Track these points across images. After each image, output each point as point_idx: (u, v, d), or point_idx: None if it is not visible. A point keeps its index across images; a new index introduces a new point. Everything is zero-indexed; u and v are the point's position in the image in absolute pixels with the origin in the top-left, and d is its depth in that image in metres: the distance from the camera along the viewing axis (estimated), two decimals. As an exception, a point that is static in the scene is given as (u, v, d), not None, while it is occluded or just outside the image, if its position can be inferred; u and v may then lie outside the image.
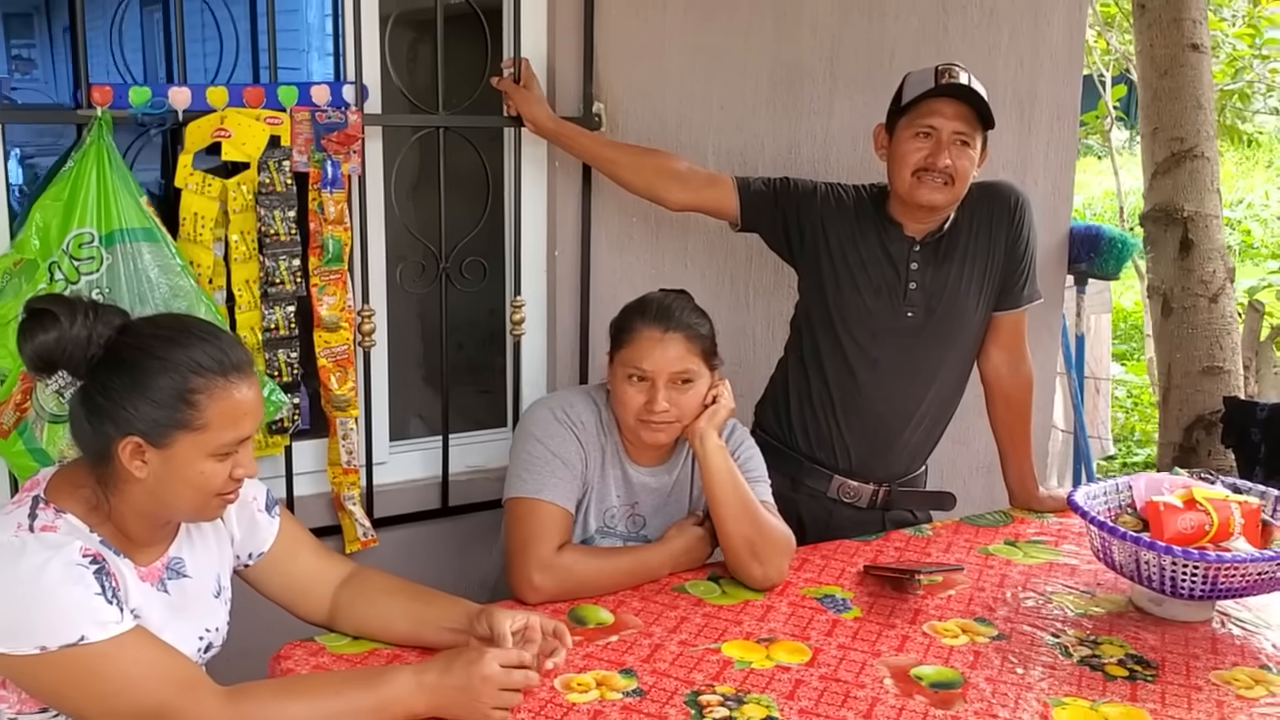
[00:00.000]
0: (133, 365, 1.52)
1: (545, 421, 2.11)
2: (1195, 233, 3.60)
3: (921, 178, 2.30)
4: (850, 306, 2.43)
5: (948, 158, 2.28)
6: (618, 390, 2.10)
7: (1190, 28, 3.62)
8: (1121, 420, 6.64)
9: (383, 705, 1.59)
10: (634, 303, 2.18)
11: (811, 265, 2.47)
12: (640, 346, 2.07)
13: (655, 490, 2.19)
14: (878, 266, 2.41)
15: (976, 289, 2.44)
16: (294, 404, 2.36)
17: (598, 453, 2.14)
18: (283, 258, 2.29)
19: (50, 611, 1.45)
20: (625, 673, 1.77)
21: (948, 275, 2.41)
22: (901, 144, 2.33)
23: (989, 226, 2.43)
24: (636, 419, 2.08)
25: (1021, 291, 2.48)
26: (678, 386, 2.07)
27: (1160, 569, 1.94)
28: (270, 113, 2.26)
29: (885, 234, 2.42)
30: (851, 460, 2.49)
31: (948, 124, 2.29)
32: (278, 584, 1.84)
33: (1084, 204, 11.28)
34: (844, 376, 2.44)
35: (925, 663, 1.84)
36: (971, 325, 2.47)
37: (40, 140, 5.12)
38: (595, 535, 2.17)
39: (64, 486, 1.59)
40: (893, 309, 2.42)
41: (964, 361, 2.52)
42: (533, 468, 2.07)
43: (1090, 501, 2.13)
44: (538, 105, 2.50)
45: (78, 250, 2.07)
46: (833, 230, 2.44)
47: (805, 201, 2.46)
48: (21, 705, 1.53)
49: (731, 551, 2.09)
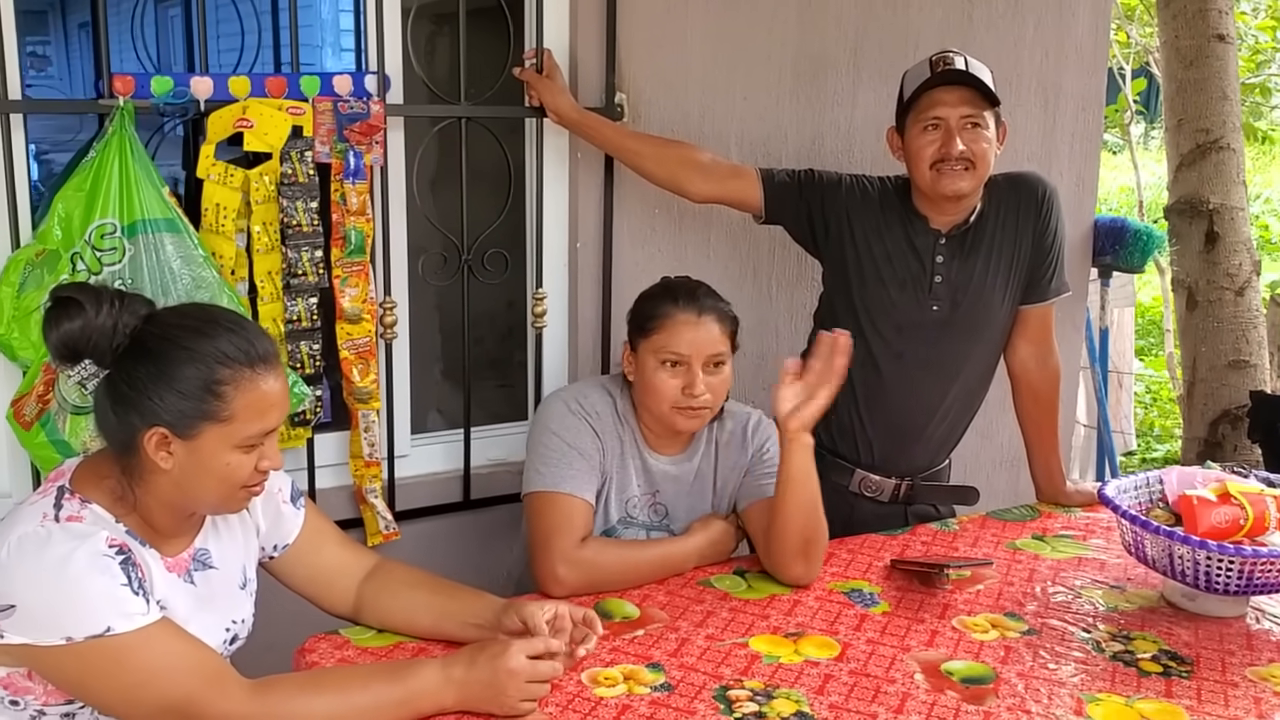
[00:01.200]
0: (159, 355, 1.51)
1: (560, 414, 2.10)
2: (1221, 225, 3.57)
3: (940, 169, 2.28)
4: (875, 299, 2.40)
5: (960, 143, 2.26)
6: (649, 379, 2.07)
7: (1216, 18, 3.59)
8: (1140, 416, 6.60)
9: (409, 699, 1.57)
10: (656, 289, 2.16)
11: (836, 257, 2.45)
12: (676, 331, 2.05)
13: (676, 479, 2.17)
14: (903, 259, 2.39)
15: (1003, 282, 2.41)
16: (316, 396, 2.35)
17: (615, 443, 2.12)
18: (305, 249, 2.28)
19: (76, 602, 1.44)
20: (653, 667, 1.76)
21: (973, 268, 2.39)
22: (913, 141, 2.31)
23: (1015, 218, 2.40)
24: (673, 406, 2.05)
25: (1049, 284, 2.45)
26: (711, 370, 2.06)
27: (1195, 564, 1.91)
28: (292, 103, 2.24)
29: (911, 227, 2.40)
30: (874, 454, 2.47)
31: (953, 111, 2.27)
32: (303, 576, 1.83)
33: (1100, 199, 11.21)
34: (868, 370, 2.41)
35: (956, 658, 1.82)
36: (997, 319, 2.45)
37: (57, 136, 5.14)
38: (617, 526, 2.15)
39: (89, 477, 1.58)
40: (917, 302, 2.39)
41: (990, 355, 2.49)
42: (550, 460, 2.06)
43: (1121, 495, 2.11)
44: (561, 95, 2.48)
45: (100, 241, 2.06)
46: (858, 222, 2.41)
47: (830, 193, 2.44)
48: (47, 697, 1.52)
49: (783, 549, 2.04)
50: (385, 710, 1.56)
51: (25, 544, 1.47)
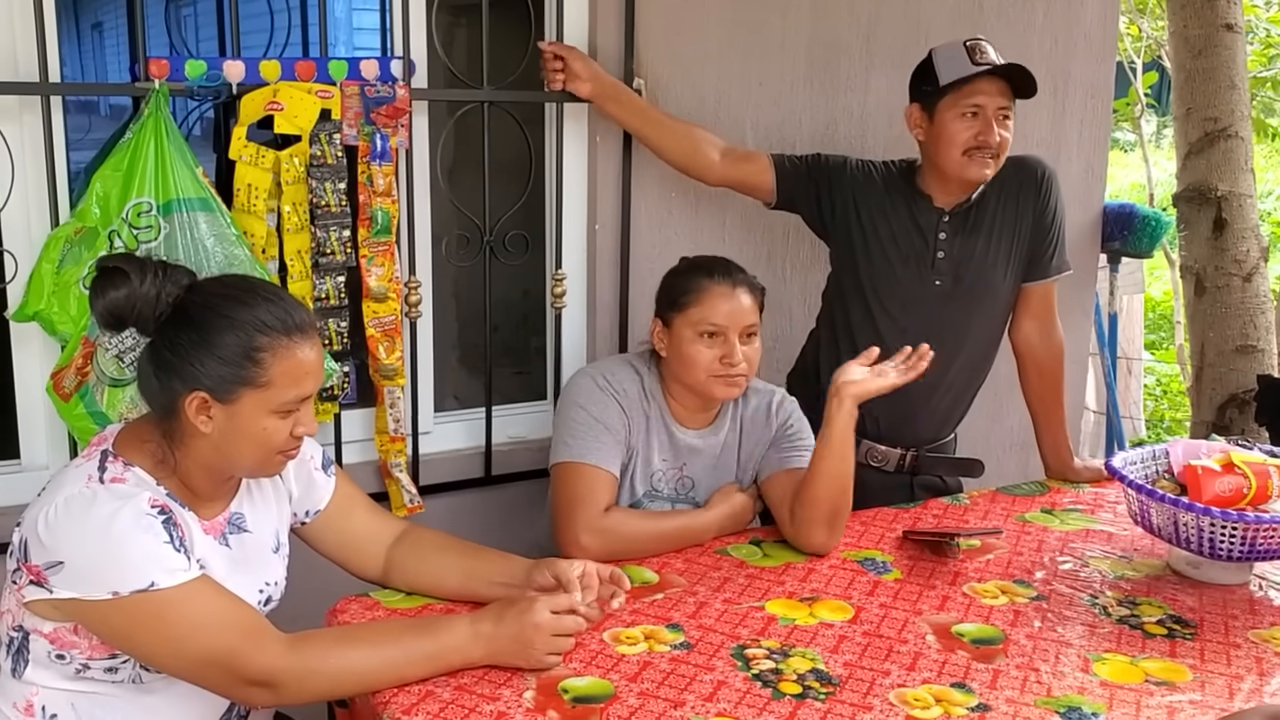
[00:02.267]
0: (201, 323, 1.57)
1: (588, 389, 2.16)
2: (1229, 212, 3.60)
3: (973, 155, 2.36)
4: (881, 277, 2.48)
5: (996, 134, 2.34)
6: (686, 351, 2.13)
7: (1225, 7, 3.62)
8: (1150, 408, 6.63)
9: (440, 653, 1.64)
10: (688, 265, 2.23)
11: (843, 237, 2.52)
12: (713, 303, 2.12)
13: (703, 452, 2.23)
14: (907, 237, 2.47)
15: (1004, 259, 2.48)
16: (344, 372, 2.42)
17: (641, 418, 2.18)
18: (333, 228, 2.35)
19: (121, 558, 1.50)
20: (672, 627, 1.82)
21: (975, 245, 2.46)
22: (949, 124, 2.37)
23: (1016, 199, 2.48)
24: (710, 375, 2.12)
25: (1050, 262, 2.52)
26: (745, 340, 2.13)
27: (1199, 530, 1.97)
28: (321, 86, 2.30)
29: (915, 205, 2.48)
30: (880, 425, 2.53)
31: (992, 101, 2.34)
32: (333, 541, 1.89)
33: (1112, 195, 11.23)
34: (873, 343, 2.46)
35: (966, 621, 1.87)
36: (1000, 295, 2.51)
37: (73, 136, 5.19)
38: (643, 499, 2.21)
39: (131, 441, 1.64)
40: (920, 278, 2.47)
41: (993, 330, 2.56)
42: (576, 433, 2.12)
43: (1128, 467, 2.17)
44: (591, 63, 2.54)
45: (136, 219, 2.12)
46: (864, 203, 2.49)
47: (836, 174, 2.51)
48: (92, 651, 1.58)
49: (810, 517, 2.10)
50: (416, 663, 1.62)
51: (72, 504, 1.53)
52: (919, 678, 1.69)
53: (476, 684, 1.62)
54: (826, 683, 1.66)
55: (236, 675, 1.54)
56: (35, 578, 1.51)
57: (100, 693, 1.61)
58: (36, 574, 1.51)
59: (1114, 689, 1.67)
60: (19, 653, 1.59)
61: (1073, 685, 1.68)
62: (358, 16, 7.05)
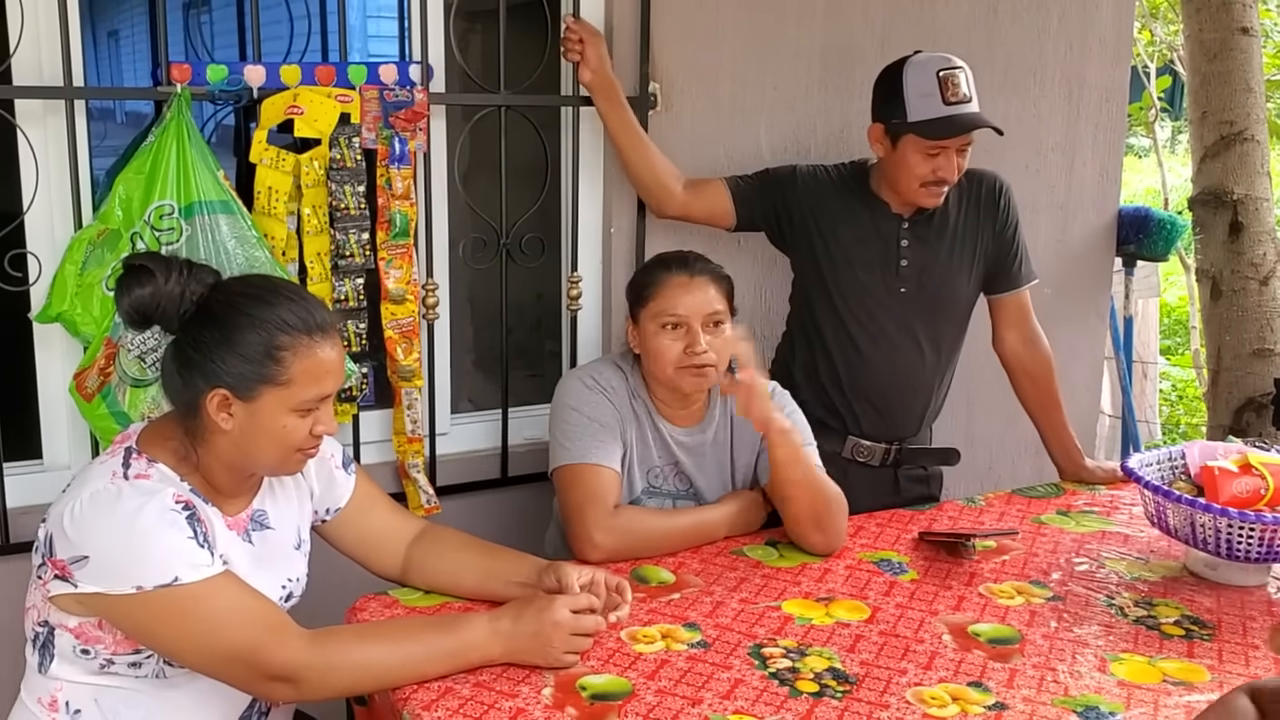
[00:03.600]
0: (223, 321, 1.59)
1: (577, 390, 2.18)
2: (1245, 215, 3.60)
3: (929, 187, 2.40)
4: (847, 283, 2.52)
5: (955, 169, 2.38)
6: (651, 345, 2.15)
7: (1240, 11, 3.62)
8: (1167, 413, 6.62)
9: (459, 650, 1.65)
10: (648, 262, 2.27)
11: (804, 246, 2.56)
12: (670, 294, 2.13)
13: (692, 449, 2.24)
14: (870, 243, 2.51)
15: (967, 266, 2.54)
16: (362, 374, 2.43)
17: (631, 415, 2.20)
18: (352, 231, 2.37)
19: (146, 553, 1.52)
20: (689, 626, 1.83)
21: (938, 252, 2.51)
22: (909, 156, 2.38)
23: (977, 211, 2.54)
24: (676, 367, 2.12)
25: (1019, 273, 2.60)
26: (711, 329, 2.13)
27: (1216, 531, 1.97)
28: (341, 90, 2.33)
29: (874, 212, 2.51)
30: (861, 425, 2.58)
31: (956, 141, 2.37)
32: (353, 539, 1.90)
33: (1126, 201, 11.19)
34: (848, 350, 2.54)
35: (982, 620, 1.88)
36: (963, 299, 2.58)
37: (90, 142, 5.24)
38: (643, 496, 2.22)
39: (154, 438, 1.65)
40: (886, 284, 2.51)
41: (958, 333, 2.63)
42: (573, 435, 2.13)
43: (1145, 469, 2.17)
44: (605, 58, 2.53)
45: (159, 221, 2.14)
46: (820, 210, 2.53)
47: (788, 185, 2.55)
48: (116, 646, 1.59)
49: (797, 523, 2.12)
50: (436, 660, 1.64)
51: (97, 500, 1.55)
52: (935, 676, 1.69)
53: (495, 681, 1.64)
54: (843, 681, 1.67)
55: (258, 670, 1.55)
56: (60, 572, 1.53)
57: (124, 687, 1.62)
58: (61, 569, 1.52)
59: (1131, 689, 1.67)
60: (44, 648, 1.61)
61: (1090, 685, 1.68)
62: (373, 24, 7.11)
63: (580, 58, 2.52)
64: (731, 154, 2.81)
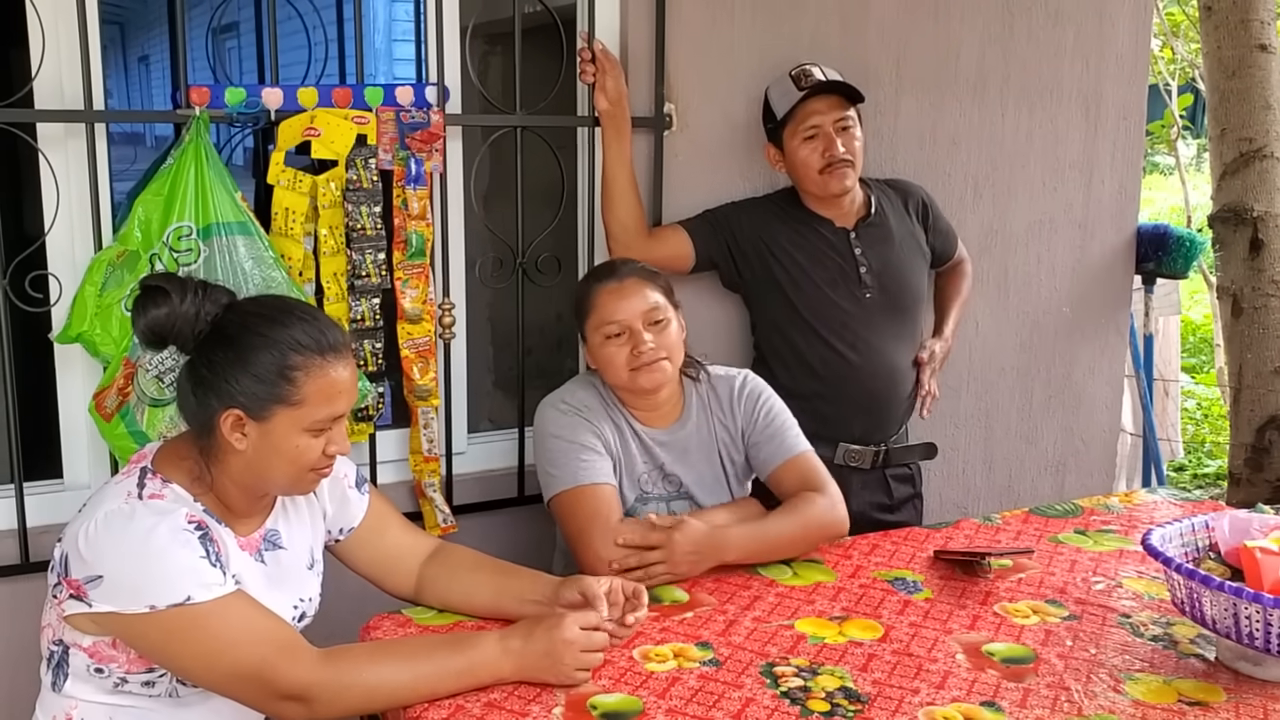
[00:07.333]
0: (237, 341, 1.61)
1: (553, 418, 2.19)
2: (1265, 232, 3.57)
3: (828, 172, 2.53)
4: (816, 301, 2.61)
5: (840, 145, 2.52)
6: (601, 356, 2.18)
7: (1258, 29, 3.60)
8: (1191, 432, 6.57)
9: (470, 669, 1.65)
10: (581, 279, 2.34)
11: (764, 277, 2.63)
12: (604, 303, 2.16)
13: (675, 447, 2.25)
14: (826, 259, 2.61)
15: (918, 260, 2.75)
16: (379, 393, 2.45)
17: (610, 428, 2.20)
18: (369, 251, 2.39)
19: (159, 573, 1.53)
20: (701, 645, 1.82)
21: (890, 254, 2.66)
22: (797, 151, 2.56)
23: (907, 214, 2.76)
24: (629, 369, 2.15)
25: (952, 246, 2.91)
26: (653, 327, 2.16)
27: (1265, 625, 1.67)
28: (357, 112, 2.35)
29: (820, 228, 2.62)
30: (854, 431, 2.67)
31: (828, 116, 2.53)
32: (366, 558, 1.91)
33: (1150, 219, 11.15)
34: (833, 363, 2.62)
35: (997, 640, 1.87)
36: (921, 290, 2.77)
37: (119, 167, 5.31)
38: (636, 504, 2.22)
39: (169, 458, 1.67)
40: (851, 295, 2.62)
41: (920, 323, 2.79)
42: (559, 462, 2.14)
43: (1167, 545, 1.86)
44: (623, 89, 2.57)
45: (177, 242, 2.17)
46: (771, 237, 2.62)
47: (734, 219, 2.65)
48: (129, 665, 1.61)
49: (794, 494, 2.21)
50: (447, 679, 1.64)
51: (111, 519, 1.56)
52: (949, 696, 1.68)
53: (506, 699, 1.64)
54: (855, 700, 1.66)
55: (271, 689, 1.56)
56: (75, 591, 1.54)
57: (137, 706, 1.64)
58: (76, 588, 1.54)
59: (1146, 708, 1.66)
60: (59, 666, 1.63)
61: (1104, 705, 1.66)
62: (399, 48, 7.18)
63: (594, 79, 2.55)
64: (746, 174, 2.82)
